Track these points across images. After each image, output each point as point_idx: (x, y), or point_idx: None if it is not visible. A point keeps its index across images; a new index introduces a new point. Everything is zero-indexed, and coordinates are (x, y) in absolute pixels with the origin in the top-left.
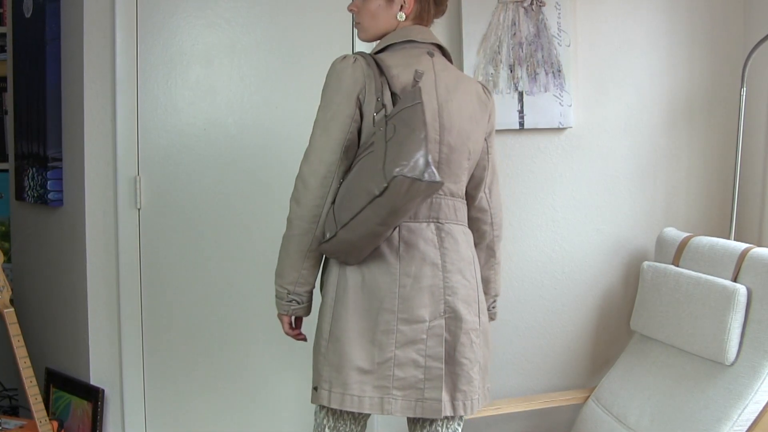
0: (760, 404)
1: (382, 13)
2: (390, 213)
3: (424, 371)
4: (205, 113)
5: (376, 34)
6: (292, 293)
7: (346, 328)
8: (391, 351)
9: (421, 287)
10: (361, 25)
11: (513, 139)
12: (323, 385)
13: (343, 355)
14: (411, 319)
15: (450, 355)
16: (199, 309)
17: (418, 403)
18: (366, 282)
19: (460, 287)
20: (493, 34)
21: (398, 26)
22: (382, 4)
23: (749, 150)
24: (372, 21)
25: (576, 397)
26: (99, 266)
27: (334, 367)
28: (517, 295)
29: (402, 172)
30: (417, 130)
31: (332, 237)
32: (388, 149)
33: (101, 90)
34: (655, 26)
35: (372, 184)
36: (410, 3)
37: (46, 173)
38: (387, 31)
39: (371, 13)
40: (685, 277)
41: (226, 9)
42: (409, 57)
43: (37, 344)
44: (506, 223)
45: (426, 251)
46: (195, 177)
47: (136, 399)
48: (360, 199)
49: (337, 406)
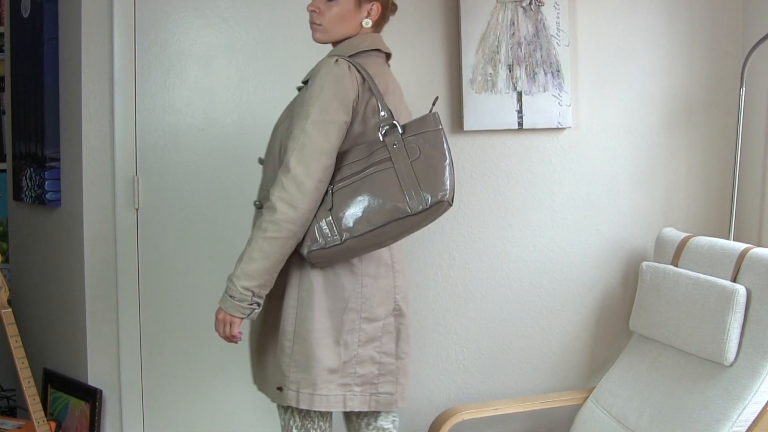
0: (759, 405)
1: (349, 18)
2: (410, 229)
3: (379, 367)
4: (204, 113)
5: (337, 38)
6: (257, 296)
7: (313, 329)
8: (354, 349)
9: (378, 287)
10: (322, 27)
11: (512, 139)
12: (290, 386)
13: (312, 355)
14: (371, 318)
15: (396, 351)
16: (197, 309)
17: (373, 397)
18: (330, 282)
19: (404, 286)
20: (491, 33)
21: (360, 32)
22: (351, 9)
23: (749, 150)
24: (337, 24)
25: (575, 398)
26: (97, 266)
27: (301, 367)
28: (516, 295)
29: (445, 198)
30: (445, 155)
31: (338, 244)
32: (417, 170)
33: (99, 90)
34: (654, 26)
35: (401, 203)
36: (377, 11)
37: (43, 173)
38: (348, 35)
39: (338, 17)
40: (684, 278)
41: (225, 9)
42: (378, 66)
43: (34, 344)
44: (505, 223)
45: (381, 252)
46: (193, 177)
47: (134, 399)
48: (384, 213)
49: (306, 406)
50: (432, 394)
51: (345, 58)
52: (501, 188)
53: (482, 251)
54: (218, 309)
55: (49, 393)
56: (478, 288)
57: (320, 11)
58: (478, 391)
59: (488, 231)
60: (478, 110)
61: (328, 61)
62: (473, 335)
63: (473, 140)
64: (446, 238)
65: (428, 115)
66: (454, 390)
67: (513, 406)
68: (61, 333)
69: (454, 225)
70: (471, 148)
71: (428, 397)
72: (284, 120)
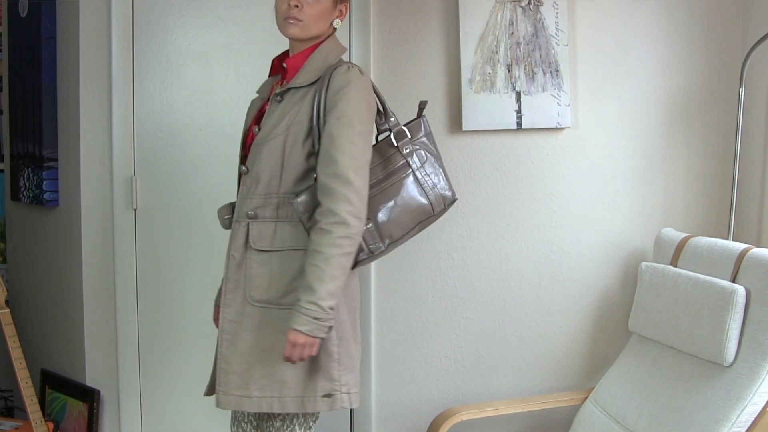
0: (758, 405)
1: (326, 16)
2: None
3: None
4: (202, 113)
5: (311, 36)
6: (330, 313)
7: (346, 329)
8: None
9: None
10: (302, 24)
11: (510, 139)
12: (341, 389)
13: (353, 356)
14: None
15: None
16: (195, 310)
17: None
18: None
19: None
20: (490, 33)
21: (331, 33)
22: (329, 8)
23: (748, 150)
24: (317, 23)
25: (574, 398)
26: (95, 267)
27: (348, 369)
28: (515, 295)
29: (455, 196)
30: (440, 156)
31: (382, 251)
32: (429, 173)
33: (97, 90)
34: (653, 25)
35: (425, 205)
36: (345, 12)
37: (41, 173)
38: (321, 34)
39: (318, 14)
40: (683, 278)
41: (223, 9)
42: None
43: (32, 345)
44: (503, 223)
45: None
46: (191, 177)
47: (132, 400)
48: (413, 216)
49: (356, 405)
50: (430, 395)
51: (357, 66)
52: (500, 188)
53: (481, 251)
54: (295, 334)
55: (46, 393)
56: (477, 288)
57: (301, 7)
58: (476, 391)
59: (487, 231)
60: (476, 110)
61: (354, 71)
62: (472, 336)
63: (472, 140)
64: (445, 239)
65: (423, 119)
66: (452, 390)
67: (512, 406)
68: (59, 333)
69: (452, 225)
70: (470, 148)
71: (427, 397)
72: (280, 133)
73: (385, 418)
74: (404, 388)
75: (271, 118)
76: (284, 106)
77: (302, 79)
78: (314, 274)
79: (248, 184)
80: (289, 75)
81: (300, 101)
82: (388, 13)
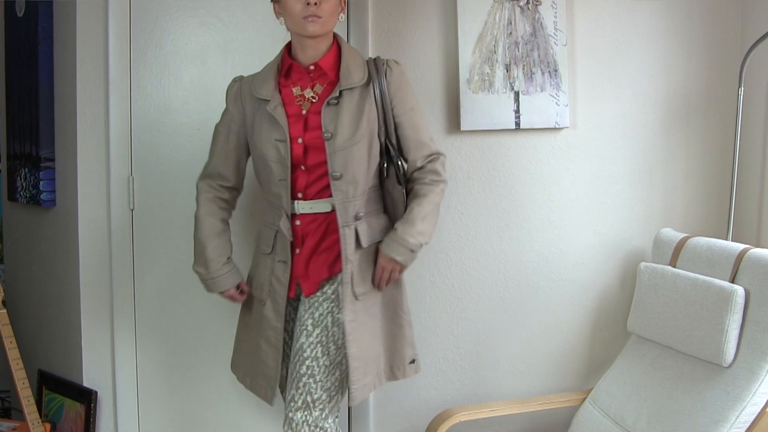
0: (758, 406)
1: (337, 11)
2: None
3: None
4: (199, 113)
5: (328, 31)
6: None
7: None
8: None
9: None
10: (322, 20)
11: (509, 139)
12: (417, 357)
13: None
14: None
15: None
16: (192, 311)
17: None
18: None
19: None
20: (489, 33)
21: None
22: (338, 2)
23: (747, 150)
24: (332, 17)
25: (572, 399)
26: (92, 267)
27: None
28: (513, 296)
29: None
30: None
31: None
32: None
33: (94, 90)
34: (652, 25)
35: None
36: (344, 6)
37: (38, 173)
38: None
39: (333, 9)
40: (682, 278)
41: (220, 8)
42: None
43: (29, 346)
44: (502, 224)
45: None
46: (189, 177)
47: (129, 401)
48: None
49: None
50: (428, 396)
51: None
52: (498, 188)
53: (479, 252)
54: (390, 261)
55: (43, 394)
56: (475, 289)
57: (320, 3)
58: (475, 392)
59: (485, 231)
60: (475, 110)
61: (400, 66)
62: (470, 336)
63: (470, 140)
64: (443, 239)
65: None
66: (450, 391)
67: (510, 407)
68: (56, 334)
69: (450, 225)
70: (468, 149)
71: (425, 398)
72: (365, 133)
73: (383, 419)
74: (402, 389)
75: (342, 120)
76: (351, 106)
77: (357, 78)
78: (418, 212)
79: (344, 188)
80: (330, 75)
81: (364, 99)
82: (385, 12)
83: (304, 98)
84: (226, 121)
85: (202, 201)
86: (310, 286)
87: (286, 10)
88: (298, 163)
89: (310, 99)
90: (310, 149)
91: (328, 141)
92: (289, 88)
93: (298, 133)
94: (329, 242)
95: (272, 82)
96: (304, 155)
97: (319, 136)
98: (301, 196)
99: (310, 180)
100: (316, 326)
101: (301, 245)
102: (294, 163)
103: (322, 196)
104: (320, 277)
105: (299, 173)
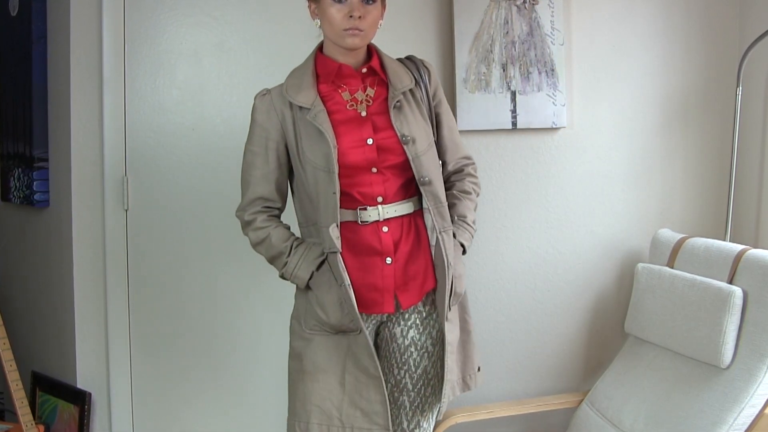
0: (756, 408)
1: (378, 21)
2: None
3: None
4: (194, 113)
5: (367, 42)
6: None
7: None
8: None
9: None
10: (364, 33)
11: (505, 139)
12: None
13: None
14: None
15: None
16: (187, 311)
17: None
18: None
19: None
20: (485, 32)
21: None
22: (380, 12)
23: (745, 150)
24: (373, 29)
25: (569, 401)
26: (86, 268)
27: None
28: (510, 297)
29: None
30: None
31: None
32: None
33: (88, 89)
34: (649, 25)
35: None
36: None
37: (32, 174)
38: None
39: (374, 21)
40: (680, 279)
41: (215, 7)
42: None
43: (22, 347)
44: (498, 224)
45: None
46: (183, 177)
47: (123, 402)
48: None
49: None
50: None
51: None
52: (494, 189)
53: (476, 252)
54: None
55: (37, 396)
56: (471, 290)
57: (365, 17)
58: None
59: (482, 232)
60: (471, 110)
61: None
62: None
63: (467, 140)
64: None
65: None
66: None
67: (507, 409)
68: (50, 335)
69: None
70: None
71: None
72: (432, 138)
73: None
74: None
75: (410, 124)
76: (412, 109)
77: (407, 81)
78: (467, 206)
79: (435, 192)
80: (381, 77)
81: (417, 101)
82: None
83: (357, 101)
84: (260, 139)
85: (257, 225)
86: (412, 297)
87: (325, 16)
88: (370, 165)
89: (364, 101)
90: (381, 151)
91: (408, 145)
92: (336, 93)
93: (368, 134)
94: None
95: (312, 89)
96: (378, 156)
97: (391, 137)
98: (381, 200)
99: (387, 182)
100: (435, 345)
101: (393, 253)
102: (365, 166)
103: (397, 198)
104: (427, 287)
105: (371, 176)
